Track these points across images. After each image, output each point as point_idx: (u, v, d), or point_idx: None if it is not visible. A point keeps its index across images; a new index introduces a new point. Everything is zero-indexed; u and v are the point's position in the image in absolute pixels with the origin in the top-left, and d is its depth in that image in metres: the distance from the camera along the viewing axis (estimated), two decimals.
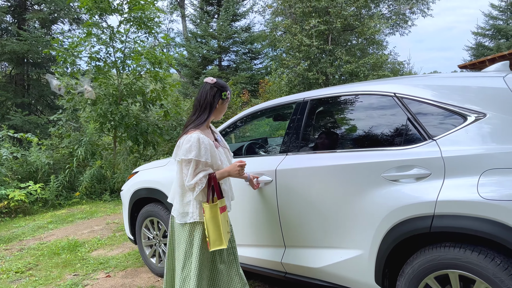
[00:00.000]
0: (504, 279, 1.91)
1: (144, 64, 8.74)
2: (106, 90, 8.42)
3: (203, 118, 2.53)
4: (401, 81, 2.56)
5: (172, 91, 9.51)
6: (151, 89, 9.06)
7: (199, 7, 21.60)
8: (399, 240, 2.26)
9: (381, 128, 2.54)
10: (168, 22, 41.65)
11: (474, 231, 1.98)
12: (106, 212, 7.14)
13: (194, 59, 19.80)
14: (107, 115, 8.18)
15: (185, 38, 22.42)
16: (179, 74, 22.04)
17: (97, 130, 8.73)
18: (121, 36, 8.76)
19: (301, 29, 15.26)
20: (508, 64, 2.63)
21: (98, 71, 8.51)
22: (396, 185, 2.28)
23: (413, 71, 23.65)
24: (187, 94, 18.08)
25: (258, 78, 18.86)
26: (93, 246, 5.09)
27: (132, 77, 8.87)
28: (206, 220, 2.41)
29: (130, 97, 8.79)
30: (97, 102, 8.38)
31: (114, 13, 8.67)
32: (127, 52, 8.81)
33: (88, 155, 8.45)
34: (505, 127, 2.02)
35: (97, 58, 8.63)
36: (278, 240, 2.94)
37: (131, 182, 4.13)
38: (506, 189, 1.91)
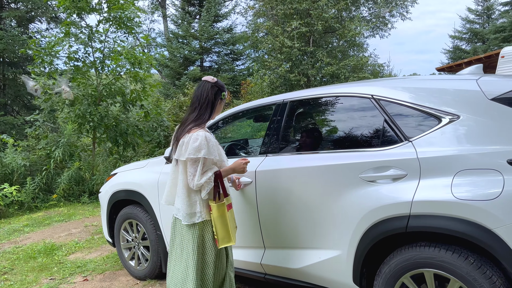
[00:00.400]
0: (477, 278, 1.96)
1: (123, 65, 8.62)
2: (84, 91, 8.28)
3: (205, 117, 2.50)
4: (379, 83, 2.60)
5: (153, 91, 9.41)
6: (131, 89, 8.95)
7: (181, 7, 21.47)
8: (376, 240, 2.29)
9: (359, 130, 2.57)
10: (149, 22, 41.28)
11: (448, 231, 2.02)
12: (84, 214, 7.02)
13: (176, 59, 19.67)
14: (86, 116, 8.03)
15: (166, 39, 22.25)
16: (160, 75, 21.85)
17: (76, 131, 8.58)
18: (100, 35, 8.63)
19: (283, 31, 15.32)
20: (481, 67, 2.70)
21: (77, 71, 8.36)
22: (373, 185, 2.31)
23: (393, 73, 24.02)
24: (168, 95, 17.93)
25: (240, 79, 18.86)
26: (71, 249, 4.99)
27: (111, 78, 8.75)
28: (214, 218, 2.42)
29: (110, 98, 8.66)
30: (75, 102, 8.23)
31: (92, 12, 8.53)
32: (106, 52, 8.68)
33: (66, 156, 8.29)
34: (478, 128, 2.07)
35: (76, 58, 8.48)
36: (258, 241, 2.94)
37: (109, 184, 4.07)
38: (479, 189, 1.96)
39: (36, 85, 8.24)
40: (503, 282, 1.95)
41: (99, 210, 7.20)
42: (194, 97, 2.56)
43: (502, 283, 1.94)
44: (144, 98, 9.07)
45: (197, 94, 2.54)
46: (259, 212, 2.89)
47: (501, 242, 1.88)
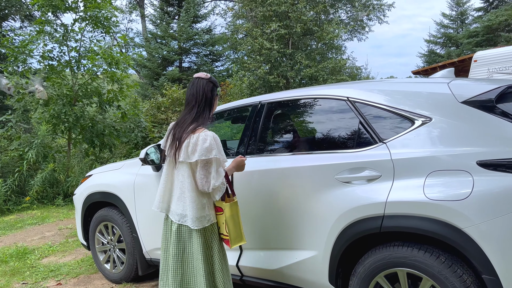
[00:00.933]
0: (449, 276, 2.00)
1: (100, 64, 8.48)
2: (59, 90, 8.10)
3: (205, 115, 2.40)
4: (354, 86, 2.63)
5: (130, 91, 9.28)
6: (108, 89, 8.80)
7: (159, 7, 21.23)
8: (351, 240, 2.31)
9: (335, 131, 2.60)
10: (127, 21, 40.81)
11: (420, 231, 2.07)
12: (58, 217, 6.86)
13: (154, 60, 19.44)
14: (61, 116, 7.86)
15: (144, 39, 21.99)
16: (138, 75, 21.59)
17: (50, 132, 8.38)
18: (76, 34, 8.46)
19: (262, 33, 15.37)
20: (453, 71, 2.77)
21: (51, 70, 8.17)
22: (349, 186, 2.34)
23: (370, 75, 24.40)
24: (146, 96, 17.72)
25: (220, 81, 18.79)
26: (44, 253, 4.88)
27: (87, 77, 8.59)
28: (227, 218, 2.36)
29: (86, 98, 8.50)
30: (49, 102, 8.04)
31: (68, 11, 8.37)
32: (82, 52, 8.53)
33: (40, 158, 8.09)
34: (449, 130, 2.12)
35: (50, 57, 8.29)
36: None
37: (84, 185, 4.00)
38: (450, 189, 2.00)
39: (9, 83, 8.02)
40: (473, 281, 2.00)
41: (73, 212, 7.06)
42: (190, 95, 2.42)
43: (472, 282, 1.99)
44: (121, 99, 8.94)
45: (192, 92, 2.41)
46: None
47: (471, 241, 1.93)
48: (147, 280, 3.79)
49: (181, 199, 2.35)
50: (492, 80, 2.33)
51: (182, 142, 2.30)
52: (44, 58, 8.20)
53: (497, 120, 2.03)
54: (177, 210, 2.36)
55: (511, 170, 1.90)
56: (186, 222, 2.34)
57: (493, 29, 18.69)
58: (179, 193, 2.36)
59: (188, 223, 2.33)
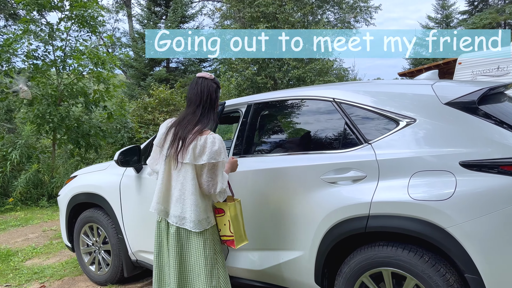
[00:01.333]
0: (432, 275, 2.03)
1: (86, 64, 8.38)
2: (44, 90, 7.98)
3: (211, 117, 2.36)
4: (341, 87, 2.65)
5: (116, 91, 9.19)
6: (94, 90, 8.71)
7: (146, 7, 21.09)
8: (337, 240, 2.33)
9: (321, 132, 2.61)
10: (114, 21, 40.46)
11: (405, 230, 2.09)
12: (43, 218, 6.76)
13: (141, 60, 19.31)
14: (45, 117, 7.75)
15: (131, 39, 21.82)
16: (125, 75, 21.42)
17: (34, 132, 8.25)
18: (61, 34, 8.36)
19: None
20: (437, 73, 2.81)
21: (36, 70, 8.06)
22: (334, 187, 2.35)
23: (357, 77, 24.59)
24: (133, 96, 17.59)
25: None
26: (28, 255, 4.80)
27: (73, 77, 8.49)
28: (231, 218, 2.36)
29: (71, 98, 8.40)
30: (34, 102, 7.93)
31: (54, 9, 8.26)
32: (67, 51, 8.42)
33: (23, 158, 7.96)
34: (433, 131, 2.15)
35: (35, 56, 8.17)
36: None
37: (69, 186, 3.95)
38: (433, 190, 2.03)
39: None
40: (456, 279, 2.03)
41: (58, 214, 6.96)
42: (194, 94, 2.33)
43: (455, 280, 2.02)
44: (108, 99, 8.85)
45: (196, 92, 2.33)
46: None
47: (453, 240, 1.96)
48: (133, 282, 3.76)
49: (180, 201, 2.28)
50: (475, 82, 2.37)
51: (189, 144, 2.22)
52: (28, 57, 8.07)
53: (479, 121, 2.07)
54: (175, 212, 2.29)
55: (492, 171, 1.94)
56: (184, 225, 2.28)
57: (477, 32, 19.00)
58: (178, 195, 2.29)
59: (186, 226, 2.27)
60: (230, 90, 15.90)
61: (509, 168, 1.91)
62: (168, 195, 2.34)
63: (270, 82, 15.31)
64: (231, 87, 16.02)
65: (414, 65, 24.25)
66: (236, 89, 15.84)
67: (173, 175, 2.31)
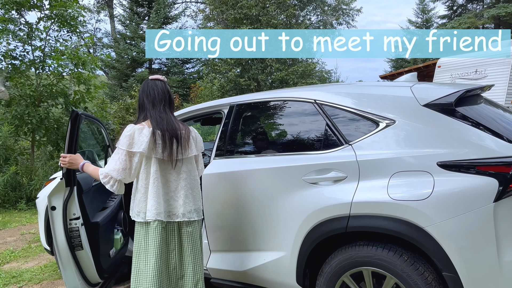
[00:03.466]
0: (411, 274, 2.06)
1: (66, 65, 8.24)
2: (22, 91, 7.82)
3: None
4: (322, 89, 2.68)
5: (97, 92, 9.06)
6: (74, 90, 8.57)
7: (128, 7, 20.92)
8: (318, 240, 2.35)
9: (302, 133, 2.63)
10: (95, 21, 39.92)
11: (384, 230, 2.12)
12: (21, 222, 6.61)
13: (123, 61, 19.14)
14: (24, 118, 7.59)
15: (113, 39, 21.60)
16: (106, 76, 21.16)
17: (12, 133, 8.07)
18: (41, 33, 8.21)
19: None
20: (416, 75, 2.86)
21: (14, 70, 7.89)
22: (316, 187, 2.37)
23: (340, 79, 24.84)
24: (114, 97, 17.39)
25: (190, 83, 18.67)
26: (5, 259, 4.69)
27: (53, 78, 8.33)
28: None
29: (51, 99, 8.24)
30: (12, 103, 7.75)
31: (33, 9, 8.10)
32: (47, 51, 8.27)
33: (1, 160, 7.78)
34: (412, 132, 2.19)
35: (13, 56, 8.00)
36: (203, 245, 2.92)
37: (48, 189, 3.87)
38: (412, 190, 2.07)
39: None
40: (434, 278, 2.07)
41: (37, 217, 6.81)
42: (159, 94, 2.35)
43: (433, 279, 2.06)
44: (89, 100, 8.72)
45: (158, 92, 2.36)
46: (204, 215, 2.87)
47: (431, 239, 2.00)
48: (114, 285, 3.70)
49: (189, 197, 2.33)
50: (453, 85, 2.42)
51: (187, 139, 2.33)
52: (5, 57, 7.90)
53: (456, 122, 2.12)
54: (187, 208, 2.31)
55: (468, 171, 1.98)
56: (192, 217, 2.34)
57: None
58: (185, 191, 2.31)
59: (194, 217, 2.34)
60: (213, 92, 15.86)
61: (485, 169, 1.96)
62: (171, 196, 2.30)
63: (253, 84, 15.34)
64: (214, 88, 15.98)
65: (396, 68, 24.63)
66: (219, 90, 15.82)
67: (171, 176, 2.30)
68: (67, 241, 2.62)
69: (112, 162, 2.22)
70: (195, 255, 2.37)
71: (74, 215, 2.67)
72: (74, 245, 2.66)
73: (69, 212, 2.66)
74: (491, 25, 20.96)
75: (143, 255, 2.26)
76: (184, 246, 2.35)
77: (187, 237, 2.34)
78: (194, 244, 2.37)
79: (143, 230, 2.27)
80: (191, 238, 2.35)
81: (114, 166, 2.20)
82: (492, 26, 21.00)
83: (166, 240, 2.30)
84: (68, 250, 2.63)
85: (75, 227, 2.66)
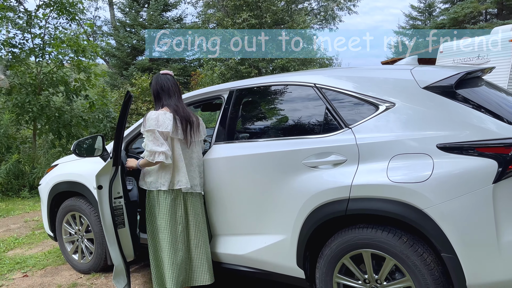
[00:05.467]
0: (410, 255, 2.08)
1: (66, 52, 8.21)
2: (22, 79, 7.80)
3: None
4: (322, 72, 2.67)
5: (98, 80, 9.04)
6: (74, 78, 8.55)
7: None
8: (318, 223, 2.36)
9: (302, 117, 2.63)
10: (94, 9, 39.62)
11: (384, 212, 2.13)
12: (24, 209, 6.67)
13: (123, 49, 19.02)
14: (25, 106, 7.59)
15: (113, 27, 21.44)
16: (107, 64, 21.08)
17: (14, 122, 8.08)
18: (40, 21, 8.16)
19: (233, 23, 15.28)
20: (416, 59, 2.85)
21: (14, 58, 7.86)
22: (315, 171, 2.38)
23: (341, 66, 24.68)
24: (115, 85, 17.35)
25: (190, 70, 18.59)
26: (9, 246, 4.74)
27: (53, 66, 8.31)
28: None
29: (51, 87, 8.23)
30: (12, 91, 7.75)
31: None
32: (47, 39, 8.23)
33: (3, 149, 7.80)
34: (411, 115, 2.19)
35: (12, 44, 7.97)
36: None
37: (50, 175, 3.90)
38: (411, 172, 2.07)
39: None
40: (433, 259, 2.09)
41: (40, 204, 6.86)
42: (172, 86, 2.83)
43: (432, 260, 2.08)
44: (89, 88, 8.70)
45: (170, 84, 2.83)
46: (205, 200, 2.89)
47: (430, 221, 2.01)
48: None
49: (198, 172, 2.83)
50: (453, 67, 2.41)
51: (198, 125, 2.86)
52: (5, 45, 7.87)
53: (456, 105, 2.11)
54: (197, 181, 2.81)
55: (468, 153, 1.98)
56: (197, 190, 2.81)
57: (459, 21, 19.23)
58: (196, 166, 2.81)
59: (198, 190, 2.82)
60: (213, 80, 15.80)
61: (485, 150, 1.96)
62: (190, 170, 2.78)
63: (254, 71, 15.27)
64: (214, 76, 15.92)
65: (397, 54, 24.45)
66: (220, 78, 15.76)
67: (186, 153, 2.77)
68: (113, 219, 2.76)
69: (149, 143, 2.62)
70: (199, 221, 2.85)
71: (118, 193, 2.82)
72: (117, 223, 2.81)
73: (114, 191, 2.79)
74: (494, 10, 20.71)
75: (164, 220, 2.73)
76: (196, 215, 2.83)
77: (193, 206, 2.82)
78: (198, 212, 2.85)
79: (168, 197, 2.73)
80: (197, 207, 2.84)
81: (152, 146, 2.61)
82: (496, 11, 20.76)
83: (177, 208, 2.77)
84: (113, 227, 2.78)
85: (119, 205, 2.83)
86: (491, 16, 20.80)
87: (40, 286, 3.54)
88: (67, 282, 3.57)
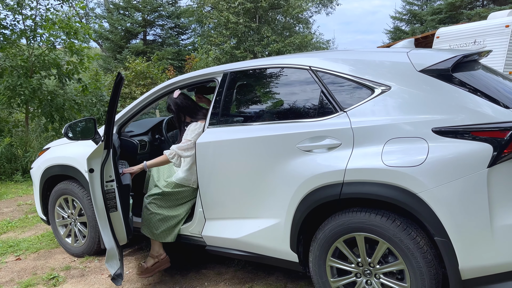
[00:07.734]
0: (403, 239, 2.08)
1: (58, 34, 8.06)
2: (14, 61, 7.67)
3: None
4: (317, 55, 2.62)
5: (91, 63, 8.91)
6: (67, 61, 8.42)
7: None
8: (312, 207, 2.35)
9: (297, 101, 2.60)
10: None
11: (378, 196, 2.12)
12: (17, 193, 6.63)
13: (117, 32, 18.78)
14: (16, 89, 7.47)
15: (106, 9, 21.10)
16: (100, 48, 20.81)
17: (5, 105, 7.97)
18: (31, 2, 7.99)
19: (228, 6, 15.08)
20: (413, 42, 2.81)
21: (5, 40, 7.71)
22: (310, 155, 2.36)
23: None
24: (109, 69, 17.17)
25: (185, 54, 18.40)
26: (2, 229, 4.72)
27: (44, 48, 8.17)
28: None
29: (43, 70, 8.10)
30: (3, 74, 7.62)
31: None
32: (38, 20, 8.07)
33: None
34: (407, 98, 2.16)
35: (3, 25, 7.81)
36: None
37: (42, 159, 3.86)
38: (406, 156, 2.06)
39: None
40: (426, 242, 2.09)
41: (33, 188, 6.83)
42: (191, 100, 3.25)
43: (425, 243, 2.08)
44: (82, 71, 8.59)
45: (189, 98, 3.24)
46: (199, 183, 2.87)
47: (424, 205, 2.00)
48: None
49: None
50: (450, 50, 2.38)
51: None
52: None
53: (452, 88, 2.09)
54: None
55: (463, 137, 1.97)
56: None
57: (456, 6, 19.11)
58: None
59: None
60: (208, 64, 15.65)
61: (480, 134, 1.94)
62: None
63: (249, 56, 15.15)
64: (209, 60, 15.77)
65: (394, 40, 24.29)
66: (215, 62, 15.62)
67: None
68: (105, 203, 2.73)
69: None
70: None
71: (110, 177, 2.77)
72: (109, 207, 2.77)
73: (105, 175, 2.74)
74: None
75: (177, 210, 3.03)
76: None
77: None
78: None
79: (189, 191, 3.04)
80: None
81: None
82: None
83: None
84: (105, 211, 2.74)
85: (111, 189, 2.78)
86: (488, 2, 20.64)
87: (33, 269, 3.53)
88: (61, 265, 3.56)
